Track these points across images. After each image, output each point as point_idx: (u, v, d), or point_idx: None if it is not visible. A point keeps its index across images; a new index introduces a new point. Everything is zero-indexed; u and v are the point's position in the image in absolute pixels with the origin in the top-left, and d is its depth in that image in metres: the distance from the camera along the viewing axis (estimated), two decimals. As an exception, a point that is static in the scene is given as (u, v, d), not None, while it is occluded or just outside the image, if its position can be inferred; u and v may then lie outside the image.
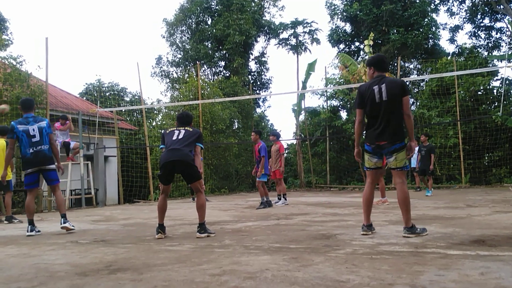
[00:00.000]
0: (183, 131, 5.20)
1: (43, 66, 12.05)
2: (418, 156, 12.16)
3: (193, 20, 24.89)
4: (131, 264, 3.47)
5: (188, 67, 23.96)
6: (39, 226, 6.14)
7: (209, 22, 24.91)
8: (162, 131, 5.45)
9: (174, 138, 5.14)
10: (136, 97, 25.60)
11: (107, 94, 23.82)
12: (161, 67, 25.51)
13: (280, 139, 10.39)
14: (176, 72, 25.35)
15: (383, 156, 4.58)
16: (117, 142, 14.49)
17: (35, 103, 11.68)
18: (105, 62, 55.55)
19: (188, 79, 18.92)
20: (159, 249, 4.16)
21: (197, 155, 5.17)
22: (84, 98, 22.84)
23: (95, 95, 21.88)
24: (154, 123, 21.03)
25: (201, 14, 24.80)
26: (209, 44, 24.14)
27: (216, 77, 23.88)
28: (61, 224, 5.88)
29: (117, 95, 23.63)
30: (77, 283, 2.89)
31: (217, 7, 24.47)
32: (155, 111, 22.66)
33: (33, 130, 5.90)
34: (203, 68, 23.88)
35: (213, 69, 24.87)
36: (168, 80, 25.13)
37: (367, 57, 18.35)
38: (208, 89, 18.78)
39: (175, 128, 5.28)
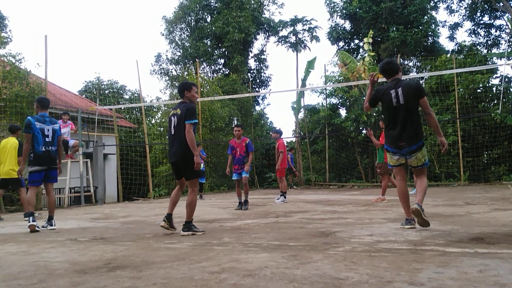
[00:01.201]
0: (175, 119, 5.10)
1: (42, 63, 12.06)
2: None
3: (192, 17, 24.86)
4: (130, 261, 3.47)
5: (188, 65, 23.93)
6: (38, 224, 6.14)
7: (209, 19, 24.87)
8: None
9: (172, 130, 5.12)
10: (136, 94, 25.59)
11: (106, 91, 23.79)
12: (161, 64, 25.49)
13: (282, 136, 10.40)
14: (175, 70, 25.34)
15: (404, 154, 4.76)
16: (116, 140, 14.48)
17: (35, 100, 11.73)
18: (104, 59, 55.53)
19: (187, 77, 18.91)
20: (158, 247, 4.17)
21: (187, 132, 4.95)
22: (84, 96, 22.83)
23: (94, 92, 21.88)
24: (153, 121, 21.02)
25: (200, 12, 24.76)
26: (209, 41, 24.12)
27: (215, 75, 23.86)
28: (50, 226, 6.00)
29: (117, 93, 23.62)
30: (76, 280, 2.89)
31: (217, 5, 24.43)
32: (155, 109, 22.66)
33: (48, 130, 6.17)
34: (203, 66, 23.86)
35: (213, 67, 24.85)
36: (167, 78, 25.10)
37: (366, 54, 18.34)
38: (208, 87, 18.77)
39: (172, 110, 5.29)
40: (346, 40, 23.53)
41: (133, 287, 2.67)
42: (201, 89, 17.44)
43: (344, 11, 22.33)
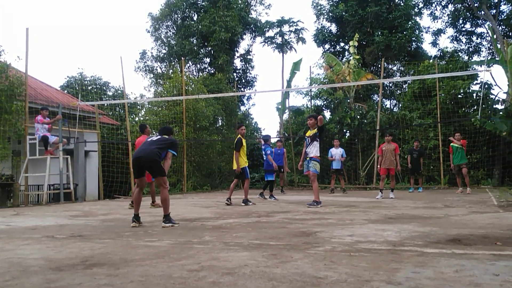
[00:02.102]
0: (158, 137, 5.93)
1: (23, 57, 11.79)
2: (409, 158, 13.99)
3: (179, 15, 24.70)
4: (108, 259, 3.42)
5: (173, 63, 23.76)
6: (14, 221, 6.01)
7: (195, 18, 24.75)
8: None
9: (148, 140, 5.91)
10: (119, 91, 25.23)
11: (89, 87, 23.45)
12: (145, 62, 25.23)
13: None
14: (160, 68, 25.13)
15: None
16: (98, 136, 14.28)
17: (14, 94, 11.48)
18: (87, 55, 54.74)
19: (172, 75, 18.76)
20: (138, 245, 4.12)
21: (167, 159, 5.78)
22: (65, 91, 22.45)
23: (77, 88, 21.49)
24: (136, 119, 20.80)
25: (187, 10, 24.62)
26: (195, 40, 23.99)
27: (200, 74, 23.75)
28: None
29: (100, 89, 23.28)
30: (51, 277, 2.83)
31: (203, 3, 24.33)
32: (138, 106, 22.42)
33: None
34: (188, 64, 23.73)
35: (198, 66, 24.73)
36: (152, 75, 24.88)
37: (351, 57, 18.50)
38: (193, 86, 18.66)
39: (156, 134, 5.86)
40: (332, 43, 23.68)
41: (109, 285, 2.63)
42: (186, 88, 17.32)
43: (330, 14, 22.48)
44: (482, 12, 20.64)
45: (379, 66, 20.16)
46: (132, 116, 20.89)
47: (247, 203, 9.17)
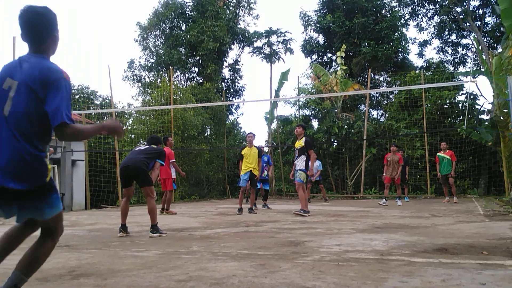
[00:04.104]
0: (146, 146, 5.99)
1: (10, 65, 11.65)
2: None
3: (167, 25, 24.71)
4: (95, 269, 3.39)
5: (161, 72, 23.71)
6: (0, 231, 5.89)
7: (183, 27, 24.79)
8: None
9: (136, 149, 5.93)
10: (107, 100, 25.09)
11: (76, 96, 23.24)
12: (133, 71, 25.15)
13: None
14: (148, 77, 25.05)
15: None
16: (85, 145, 14.16)
17: None
18: (74, 64, 54.40)
19: (160, 84, 18.74)
20: (125, 255, 4.08)
21: (155, 169, 5.84)
22: (52, 100, 22.22)
23: (64, 97, 21.36)
24: (124, 128, 20.68)
25: (175, 19, 24.65)
26: (183, 49, 24.01)
27: (189, 83, 23.73)
28: None
29: (87, 98, 23.09)
30: (37, 288, 2.79)
31: (192, 13, 24.40)
32: (126, 116, 22.28)
33: None
34: (176, 74, 23.70)
35: (186, 75, 24.71)
36: (140, 85, 24.77)
37: (338, 68, 18.68)
38: (181, 95, 18.64)
39: (143, 143, 5.85)
40: (320, 53, 23.91)
41: (96, 296, 2.60)
42: (174, 97, 17.30)
43: (318, 25, 22.72)
44: (468, 24, 21.07)
45: (366, 76, 20.38)
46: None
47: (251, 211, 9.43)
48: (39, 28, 2.29)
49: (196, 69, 24.65)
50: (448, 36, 24.07)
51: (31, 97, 2.15)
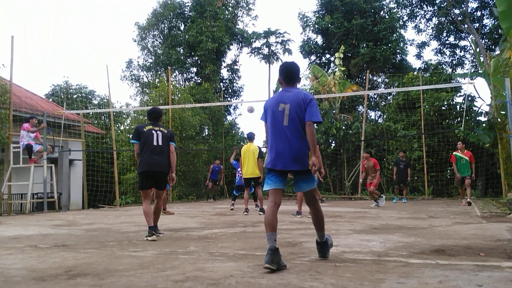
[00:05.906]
0: (160, 134, 5.42)
1: (8, 65, 11.65)
2: (394, 169, 13.97)
3: (166, 25, 24.72)
4: (92, 269, 3.38)
5: (159, 72, 23.71)
6: (-4, 230, 5.89)
7: (182, 28, 24.79)
8: (138, 126, 5.61)
9: (155, 143, 5.36)
10: (105, 100, 25.10)
11: (75, 96, 23.24)
12: (132, 71, 25.15)
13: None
14: (146, 77, 25.05)
15: None
16: (83, 145, 14.14)
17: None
18: (73, 63, 54.33)
19: (158, 84, 18.73)
20: (122, 255, 4.07)
21: (172, 152, 5.54)
22: (50, 99, 22.22)
23: (62, 97, 21.33)
24: (122, 127, 20.66)
25: (174, 20, 24.66)
26: (181, 49, 24.01)
27: (187, 83, 23.74)
28: None
29: (85, 98, 23.07)
30: (34, 288, 2.78)
31: (190, 13, 24.40)
32: (124, 115, 22.28)
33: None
34: (175, 74, 23.71)
35: (185, 75, 24.73)
36: (138, 84, 24.77)
37: (337, 69, 18.71)
38: (179, 95, 18.64)
39: (152, 128, 5.45)
40: (318, 54, 23.96)
41: (93, 295, 2.60)
42: (172, 97, 17.29)
43: (316, 26, 22.76)
44: (466, 26, 21.13)
45: (364, 77, 20.41)
46: (117, 125, 20.74)
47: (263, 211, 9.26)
48: None
49: (195, 69, 24.66)
50: (446, 38, 24.14)
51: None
